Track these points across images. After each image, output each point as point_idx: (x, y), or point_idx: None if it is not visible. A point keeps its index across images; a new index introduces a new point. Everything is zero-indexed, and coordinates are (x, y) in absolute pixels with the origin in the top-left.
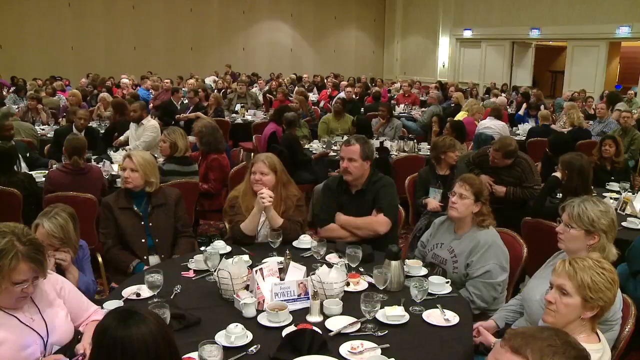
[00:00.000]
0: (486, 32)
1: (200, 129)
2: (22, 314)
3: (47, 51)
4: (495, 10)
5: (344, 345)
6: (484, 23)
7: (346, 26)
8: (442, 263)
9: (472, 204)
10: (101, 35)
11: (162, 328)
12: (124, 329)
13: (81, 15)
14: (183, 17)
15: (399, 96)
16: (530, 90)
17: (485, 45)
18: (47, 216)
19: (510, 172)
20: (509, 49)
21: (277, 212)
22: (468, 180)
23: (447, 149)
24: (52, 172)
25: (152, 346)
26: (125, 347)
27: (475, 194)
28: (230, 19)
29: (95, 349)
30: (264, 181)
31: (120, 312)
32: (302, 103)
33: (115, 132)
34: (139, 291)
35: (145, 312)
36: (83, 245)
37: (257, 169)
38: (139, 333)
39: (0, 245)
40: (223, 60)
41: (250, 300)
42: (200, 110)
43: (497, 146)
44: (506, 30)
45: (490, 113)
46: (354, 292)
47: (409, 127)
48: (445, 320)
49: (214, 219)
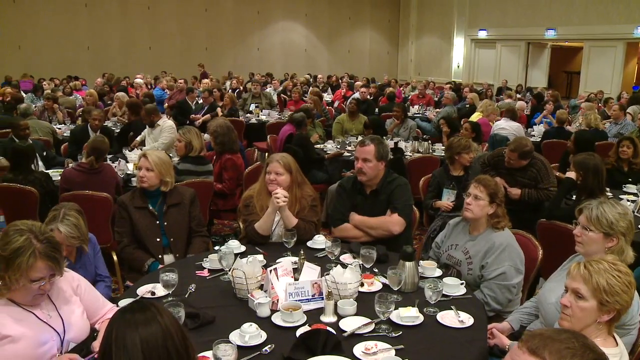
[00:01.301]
0: (501, 33)
1: (215, 129)
2: (39, 310)
3: (63, 51)
4: (510, 11)
5: (358, 346)
6: (499, 24)
7: (360, 27)
8: (457, 264)
9: (487, 206)
10: (117, 36)
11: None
12: (129, 328)
13: (97, 15)
14: (198, 17)
15: (413, 97)
16: (545, 91)
17: (500, 45)
18: (59, 220)
19: (526, 173)
20: (524, 49)
21: (292, 212)
22: (483, 181)
23: (461, 150)
24: (67, 171)
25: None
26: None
27: (490, 195)
28: (245, 19)
29: (101, 346)
30: (278, 181)
31: (129, 308)
32: (317, 103)
33: (131, 131)
34: (154, 290)
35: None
36: (92, 240)
37: (272, 169)
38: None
39: (18, 243)
40: (237, 60)
41: (264, 299)
42: (215, 109)
43: (513, 147)
44: (521, 31)
45: (505, 114)
46: (368, 292)
47: (423, 127)
48: (459, 322)
49: (228, 218)
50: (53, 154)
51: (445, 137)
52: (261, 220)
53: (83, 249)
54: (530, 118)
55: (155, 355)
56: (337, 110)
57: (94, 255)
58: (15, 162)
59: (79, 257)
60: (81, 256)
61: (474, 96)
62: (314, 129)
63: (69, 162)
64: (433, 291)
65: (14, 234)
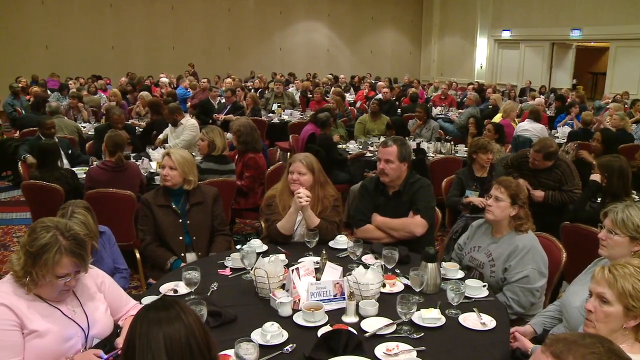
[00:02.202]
0: (525, 33)
1: (239, 128)
2: (64, 306)
3: (89, 51)
4: (534, 11)
5: (380, 347)
6: (523, 24)
7: (383, 27)
8: (479, 267)
9: (509, 207)
10: (141, 35)
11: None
12: (152, 325)
13: (122, 16)
14: (221, 17)
15: (435, 98)
16: (570, 92)
17: (524, 46)
18: (67, 218)
19: (550, 175)
20: (549, 50)
21: (314, 212)
22: (504, 182)
23: (477, 149)
24: (92, 169)
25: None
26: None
27: (511, 196)
28: (267, 19)
29: (124, 342)
30: (301, 181)
31: (153, 306)
32: (339, 103)
33: (154, 130)
34: (177, 287)
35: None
36: (105, 232)
37: (294, 169)
38: (167, 330)
39: (45, 239)
40: (260, 60)
41: (286, 299)
42: (238, 109)
43: (538, 147)
44: (546, 31)
45: (528, 115)
46: (389, 293)
47: (445, 128)
48: (481, 325)
49: (250, 217)
50: (78, 152)
51: (470, 138)
52: (283, 220)
53: (93, 245)
54: (554, 119)
55: (178, 352)
56: (360, 111)
57: (109, 248)
58: (41, 159)
59: (94, 252)
60: (95, 251)
61: (497, 97)
62: (336, 129)
63: (93, 161)
64: (455, 293)
65: (41, 231)
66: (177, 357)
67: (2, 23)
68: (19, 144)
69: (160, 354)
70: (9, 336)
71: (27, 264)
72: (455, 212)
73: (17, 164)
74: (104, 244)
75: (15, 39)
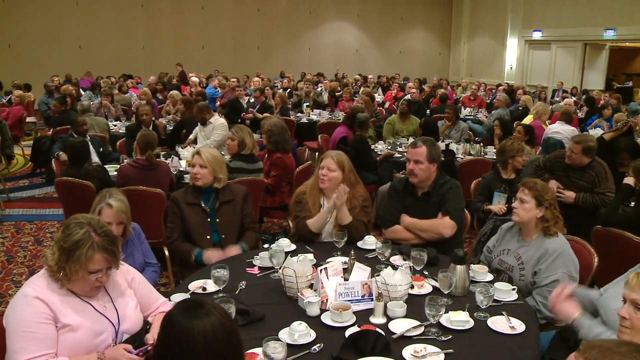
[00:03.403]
0: (556, 34)
1: (270, 128)
2: (96, 302)
3: (120, 50)
4: (566, 11)
5: (407, 349)
6: (554, 24)
7: (412, 27)
8: (509, 270)
9: (534, 209)
10: (171, 35)
11: (224, 323)
12: (187, 320)
13: (153, 15)
14: (250, 17)
15: (464, 99)
16: (602, 94)
17: (555, 47)
18: (108, 197)
19: (583, 176)
20: (581, 50)
21: None
22: (527, 184)
23: (515, 154)
24: (123, 167)
25: (211, 339)
26: (184, 336)
27: (535, 198)
28: (297, 19)
29: (159, 336)
30: (329, 177)
31: (188, 304)
32: (368, 104)
33: (183, 129)
34: (205, 285)
35: (210, 305)
36: (135, 227)
37: (325, 164)
38: (200, 325)
39: (78, 235)
40: (289, 60)
41: (314, 299)
42: (267, 109)
43: (578, 139)
44: (578, 31)
45: (559, 117)
46: (417, 295)
47: (475, 130)
48: (510, 328)
49: (278, 216)
50: (109, 150)
51: (496, 140)
52: (315, 218)
53: (126, 231)
54: (585, 122)
55: (210, 347)
56: (388, 111)
57: (139, 243)
58: (73, 157)
59: (125, 246)
60: (127, 244)
61: (527, 98)
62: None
63: (124, 158)
64: (484, 296)
65: (74, 227)
66: (209, 352)
67: (38, 24)
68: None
69: (194, 349)
70: (44, 329)
71: (60, 259)
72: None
73: (50, 161)
74: (134, 240)
75: (50, 39)
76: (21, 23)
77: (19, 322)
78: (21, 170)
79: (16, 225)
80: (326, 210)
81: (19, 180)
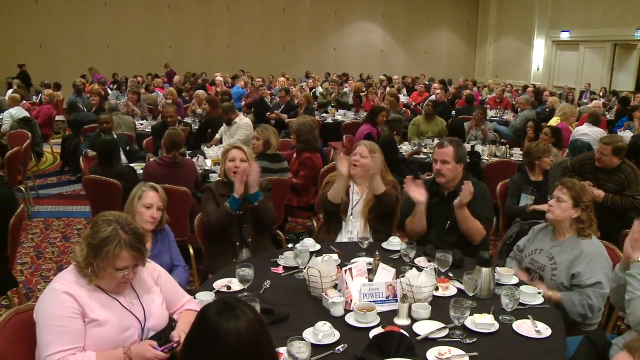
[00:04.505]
0: (585, 34)
1: (298, 127)
2: (122, 298)
3: (147, 50)
4: (596, 11)
5: (431, 351)
6: (583, 24)
7: (438, 27)
8: (540, 269)
9: (570, 209)
10: (197, 35)
11: (259, 321)
12: (222, 320)
13: (179, 15)
14: (276, 17)
15: (490, 100)
16: (633, 95)
17: (584, 47)
18: (148, 184)
19: (612, 178)
20: (610, 51)
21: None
22: (567, 183)
23: (541, 154)
24: (149, 165)
25: (251, 338)
26: (219, 337)
27: (573, 198)
28: (322, 19)
29: (191, 334)
30: (361, 163)
31: (221, 304)
32: (393, 104)
33: (209, 128)
34: (230, 284)
35: (243, 304)
36: (166, 229)
37: (358, 151)
38: (235, 325)
39: (106, 232)
40: (314, 60)
41: (338, 299)
42: (292, 109)
43: (607, 140)
44: (608, 32)
45: (587, 119)
46: (442, 297)
47: (500, 131)
48: (536, 332)
49: (302, 216)
50: (135, 148)
51: (526, 142)
52: (332, 187)
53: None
54: (614, 124)
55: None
56: (413, 112)
57: (168, 244)
58: (102, 156)
59: (154, 244)
60: (156, 244)
61: (554, 100)
62: (389, 130)
63: (149, 157)
64: (510, 299)
65: (103, 224)
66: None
67: (68, 24)
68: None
69: (228, 348)
70: (72, 323)
71: (89, 255)
72: (509, 217)
73: (77, 159)
74: (164, 239)
75: (79, 40)
76: (52, 24)
77: (49, 316)
78: (50, 168)
79: (45, 221)
80: (341, 179)
81: (48, 178)
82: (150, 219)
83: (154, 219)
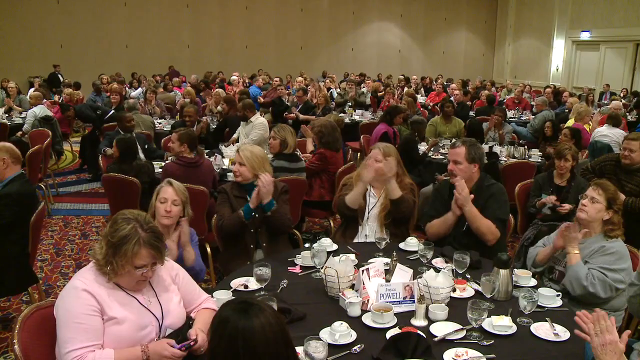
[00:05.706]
0: (606, 34)
1: (320, 129)
2: (141, 296)
3: (166, 50)
4: (617, 10)
5: (448, 352)
6: (604, 24)
7: (456, 27)
8: (561, 265)
9: (603, 210)
10: (215, 35)
11: (279, 320)
12: (245, 320)
13: (198, 15)
14: (293, 17)
15: (509, 101)
16: None
17: (605, 47)
18: (166, 180)
19: (633, 179)
20: (632, 51)
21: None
22: (602, 185)
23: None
24: (168, 164)
25: (271, 337)
26: (246, 337)
27: (607, 200)
28: (340, 19)
29: (216, 339)
30: (375, 167)
31: (239, 304)
32: (411, 105)
33: (227, 127)
34: (247, 283)
35: (262, 304)
36: (192, 231)
37: (372, 155)
38: (259, 324)
39: (125, 231)
40: (331, 60)
41: (355, 299)
42: (310, 109)
43: (633, 136)
44: (630, 32)
45: (607, 120)
46: (459, 298)
47: (519, 132)
48: (554, 335)
49: (319, 216)
50: (154, 147)
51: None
52: (351, 193)
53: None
54: (635, 125)
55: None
56: (431, 113)
57: (193, 241)
58: (122, 153)
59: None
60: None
61: (574, 101)
62: (407, 130)
63: (168, 156)
64: (528, 301)
65: (122, 222)
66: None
67: (88, 25)
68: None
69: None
70: (91, 320)
71: (108, 253)
72: (527, 218)
73: (96, 157)
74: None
75: (99, 40)
76: (73, 24)
77: (69, 313)
78: (69, 166)
79: (64, 219)
80: (361, 185)
81: (68, 176)
82: (165, 213)
83: (168, 213)
